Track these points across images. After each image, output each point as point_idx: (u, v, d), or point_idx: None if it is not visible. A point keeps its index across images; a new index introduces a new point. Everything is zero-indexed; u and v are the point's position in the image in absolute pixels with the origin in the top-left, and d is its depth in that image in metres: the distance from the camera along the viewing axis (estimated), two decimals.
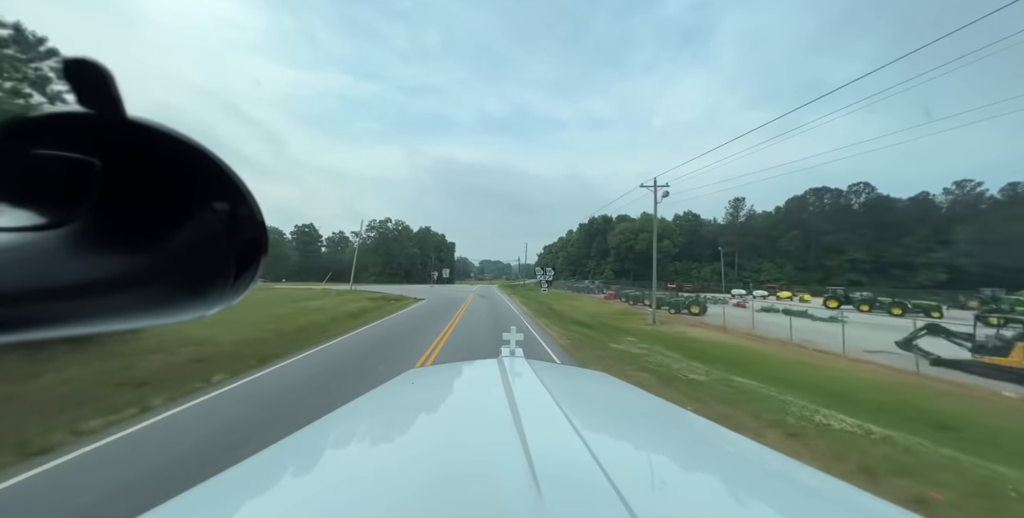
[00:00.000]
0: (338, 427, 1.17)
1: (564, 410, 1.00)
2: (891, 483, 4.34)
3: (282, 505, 0.71)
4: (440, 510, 0.61)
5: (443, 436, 1.00)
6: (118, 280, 0.28)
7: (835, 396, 8.44)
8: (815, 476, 0.88)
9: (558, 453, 0.77)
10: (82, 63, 0.25)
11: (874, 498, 0.77)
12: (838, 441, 5.44)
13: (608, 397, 1.58)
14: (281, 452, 1.00)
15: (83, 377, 7.28)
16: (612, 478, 0.65)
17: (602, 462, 0.70)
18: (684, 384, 8.29)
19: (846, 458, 4.91)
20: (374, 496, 0.70)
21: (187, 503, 0.76)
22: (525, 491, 0.61)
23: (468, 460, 0.81)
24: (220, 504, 0.76)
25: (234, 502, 0.77)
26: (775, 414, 6.45)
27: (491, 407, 1.12)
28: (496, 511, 0.59)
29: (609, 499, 0.59)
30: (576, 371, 2.21)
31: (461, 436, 0.97)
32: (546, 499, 0.58)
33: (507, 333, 2.72)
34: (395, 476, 0.78)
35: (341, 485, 0.77)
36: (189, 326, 11.60)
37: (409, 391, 1.52)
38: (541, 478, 0.64)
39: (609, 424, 1.16)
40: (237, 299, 0.36)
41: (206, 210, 0.32)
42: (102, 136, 0.28)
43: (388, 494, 0.70)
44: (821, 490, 0.83)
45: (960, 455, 5.32)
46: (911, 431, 6.23)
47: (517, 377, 1.44)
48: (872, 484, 4.32)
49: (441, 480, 0.72)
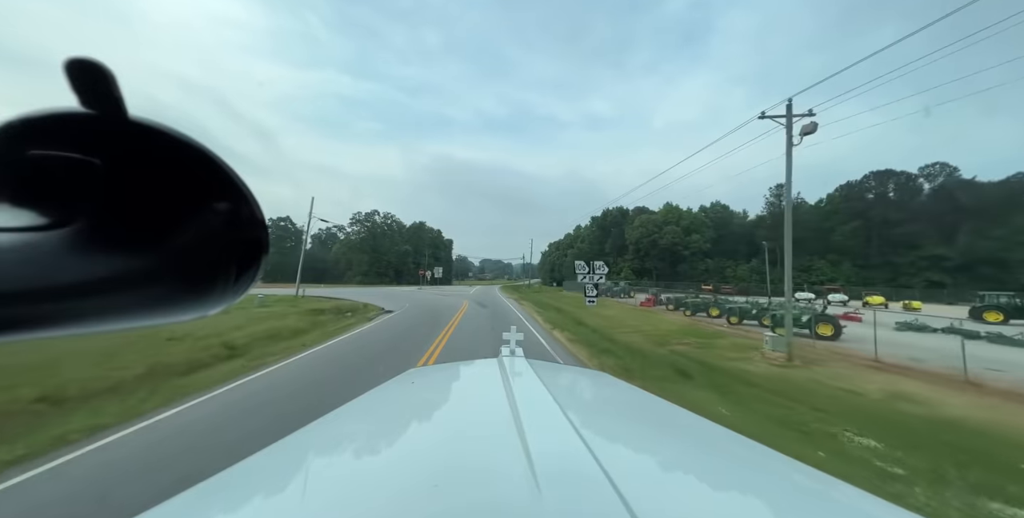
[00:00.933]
0: (338, 426, 1.18)
1: (564, 409, 1.00)
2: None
3: (282, 504, 0.72)
4: (440, 509, 0.61)
5: (443, 435, 1.01)
6: (119, 280, 0.28)
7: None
8: (816, 477, 0.87)
9: (558, 452, 0.77)
10: (83, 63, 0.25)
11: (875, 498, 0.77)
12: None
13: (608, 397, 1.62)
14: (281, 452, 1.00)
15: None
16: (612, 477, 0.65)
17: (602, 461, 0.70)
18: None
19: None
20: (374, 495, 0.70)
21: (187, 502, 0.77)
22: (525, 490, 0.62)
23: (468, 459, 0.81)
24: (220, 503, 0.77)
25: (233, 501, 0.77)
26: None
27: (491, 406, 1.13)
28: (496, 510, 0.59)
29: (609, 498, 0.59)
30: (576, 371, 2.25)
31: (461, 435, 0.99)
32: (546, 498, 0.58)
33: (507, 333, 2.69)
34: (395, 475, 0.78)
35: (341, 484, 0.77)
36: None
37: (409, 390, 1.55)
38: (541, 477, 0.64)
39: (609, 424, 1.17)
40: (238, 299, 0.36)
41: (207, 210, 0.32)
42: (103, 136, 0.28)
43: (388, 493, 0.70)
44: (821, 490, 0.83)
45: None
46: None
47: (517, 376, 1.44)
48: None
49: (441, 479, 0.72)
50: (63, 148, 0.27)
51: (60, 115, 0.27)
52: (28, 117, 0.26)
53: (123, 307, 0.28)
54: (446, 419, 1.17)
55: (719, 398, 7.71)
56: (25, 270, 0.23)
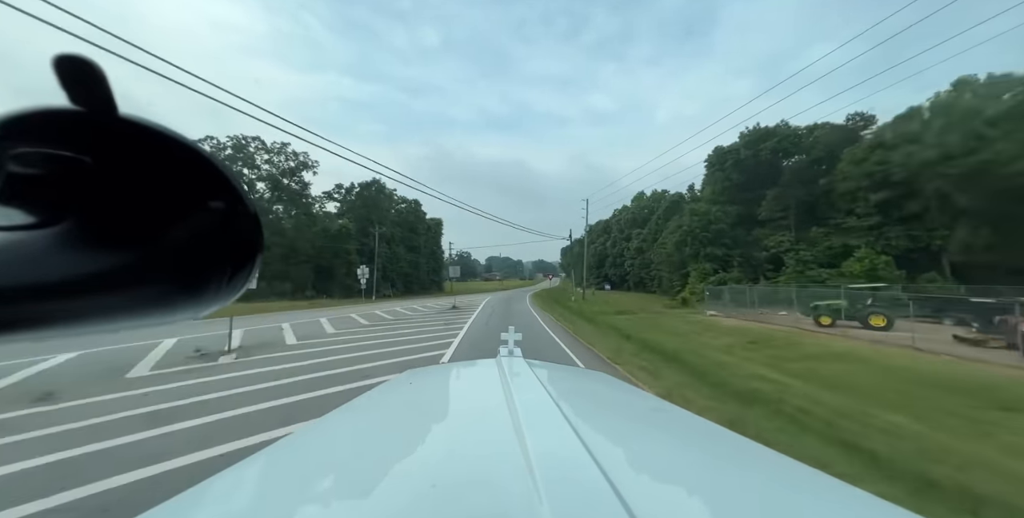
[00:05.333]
0: (335, 428, 1.18)
1: (563, 410, 1.00)
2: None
3: (278, 506, 0.72)
4: (438, 511, 0.61)
5: (441, 437, 1.02)
6: (111, 280, 0.27)
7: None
8: (817, 477, 0.87)
9: (557, 453, 0.76)
10: (73, 60, 0.24)
11: (875, 499, 0.77)
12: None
13: (607, 397, 1.59)
14: (277, 453, 1.02)
15: None
16: (611, 479, 0.64)
17: (601, 463, 0.70)
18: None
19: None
20: (371, 497, 0.70)
21: (185, 503, 0.77)
22: (524, 492, 0.62)
23: (466, 460, 0.82)
24: (217, 505, 0.77)
25: (231, 504, 0.78)
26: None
27: (490, 407, 1.12)
28: (495, 512, 0.59)
29: (608, 501, 0.58)
30: (575, 371, 2.29)
31: (459, 436, 0.99)
32: (545, 500, 0.58)
33: (505, 333, 2.60)
34: (392, 477, 0.78)
35: (338, 486, 0.77)
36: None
37: (407, 392, 1.53)
38: (540, 479, 0.64)
39: (608, 424, 1.17)
40: (232, 298, 0.36)
41: (200, 209, 0.31)
42: (94, 134, 0.27)
43: (385, 496, 0.70)
44: (822, 491, 0.83)
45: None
46: None
47: (515, 377, 1.42)
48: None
49: (439, 480, 0.72)
50: (54, 146, 0.27)
51: (50, 112, 0.26)
52: (18, 114, 0.26)
53: (115, 307, 0.28)
54: (444, 420, 1.18)
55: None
56: (15, 269, 0.23)
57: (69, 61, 0.24)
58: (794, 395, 6.72)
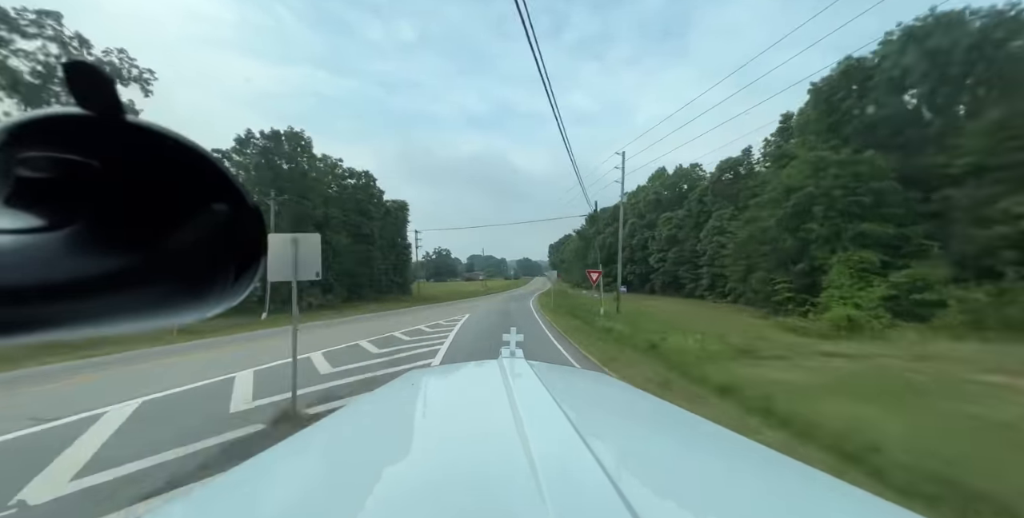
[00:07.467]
0: (337, 429, 1.19)
1: (565, 411, 0.99)
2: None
3: (281, 507, 0.73)
4: (441, 512, 0.62)
5: (443, 438, 1.02)
6: (118, 282, 0.28)
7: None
8: (818, 477, 0.87)
9: (560, 454, 0.77)
10: (81, 65, 0.25)
11: (876, 499, 0.76)
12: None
13: (609, 398, 1.62)
14: (280, 454, 1.02)
15: None
16: (614, 480, 0.65)
17: (604, 464, 0.70)
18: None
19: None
20: (374, 498, 0.70)
21: (187, 504, 0.78)
22: (527, 493, 0.62)
23: (468, 462, 0.82)
24: (221, 505, 0.78)
25: (233, 504, 0.78)
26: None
27: (492, 408, 1.12)
28: (497, 513, 0.60)
29: (612, 502, 0.59)
30: (576, 372, 2.36)
31: (461, 437, 1.00)
32: (548, 501, 0.58)
33: (507, 334, 2.58)
34: (395, 478, 0.79)
35: (341, 487, 0.77)
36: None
37: (409, 393, 1.52)
38: (542, 479, 0.64)
39: (611, 425, 1.17)
40: (237, 300, 0.36)
41: (204, 211, 0.32)
42: (101, 138, 0.28)
43: (388, 497, 0.71)
44: (823, 491, 0.83)
45: None
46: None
47: (517, 378, 1.41)
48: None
49: (441, 482, 0.73)
50: (62, 150, 0.27)
51: (59, 117, 0.27)
52: (26, 119, 0.26)
53: (122, 309, 0.28)
54: (446, 421, 1.18)
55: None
56: (24, 272, 0.23)
57: (77, 66, 0.24)
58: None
